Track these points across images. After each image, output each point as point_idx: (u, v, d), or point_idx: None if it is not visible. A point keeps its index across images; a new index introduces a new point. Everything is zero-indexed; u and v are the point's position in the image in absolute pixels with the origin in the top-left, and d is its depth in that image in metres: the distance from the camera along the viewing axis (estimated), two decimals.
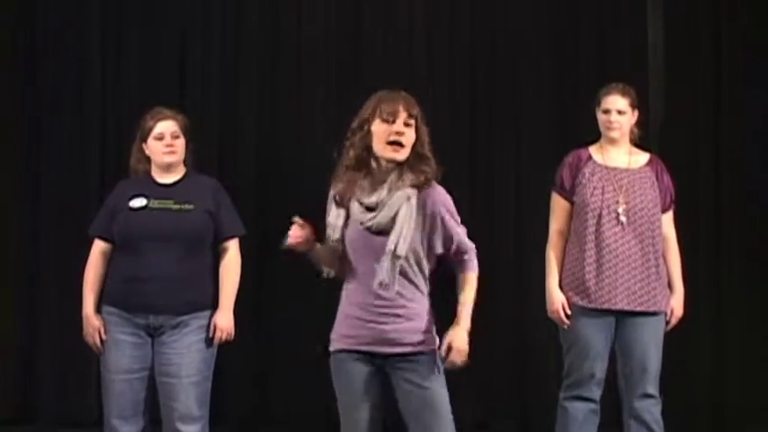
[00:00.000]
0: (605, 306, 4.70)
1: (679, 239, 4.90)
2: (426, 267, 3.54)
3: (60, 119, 6.55)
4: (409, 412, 3.52)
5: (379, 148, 3.52)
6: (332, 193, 3.60)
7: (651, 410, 4.69)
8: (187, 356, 4.33)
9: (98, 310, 4.42)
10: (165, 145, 4.45)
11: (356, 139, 3.58)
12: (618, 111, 4.81)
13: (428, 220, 3.50)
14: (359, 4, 6.63)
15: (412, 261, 3.49)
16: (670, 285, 4.85)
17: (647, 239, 4.75)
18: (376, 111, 3.56)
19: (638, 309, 4.68)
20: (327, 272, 3.62)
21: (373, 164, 3.54)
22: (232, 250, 4.51)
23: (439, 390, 3.53)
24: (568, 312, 4.78)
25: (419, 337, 3.52)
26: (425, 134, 3.59)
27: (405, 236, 3.47)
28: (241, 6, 6.63)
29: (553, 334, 4.92)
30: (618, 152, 4.86)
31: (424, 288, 3.55)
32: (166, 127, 4.46)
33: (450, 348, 3.56)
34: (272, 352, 6.42)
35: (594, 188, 4.79)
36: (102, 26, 6.58)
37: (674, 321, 4.85)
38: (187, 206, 4.43)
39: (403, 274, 3.49)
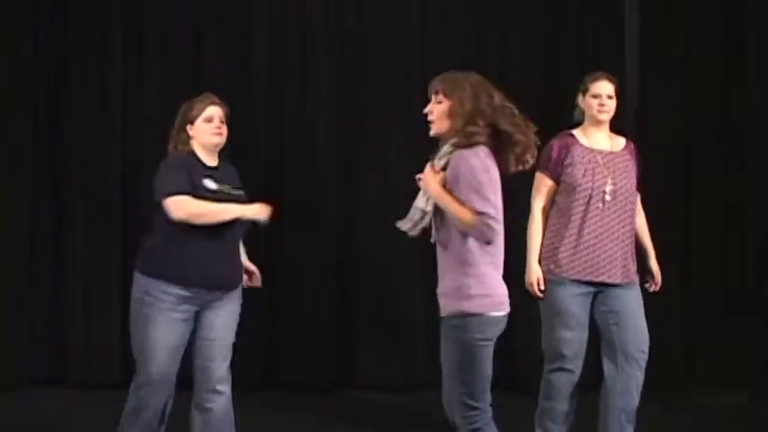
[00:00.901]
0: (587, 278, 4.77)
1: (651, 217, 5.03)
2: None
3: (84, 116, 6.66)
4: None
5: None
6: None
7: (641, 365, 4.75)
8: (228, 321, 4.47)
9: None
10: (214, 127, 4.51)
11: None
12: (608, 95, 4.91)
13: None
14: (360, 4, 6.76)
15: None
16: (643, 255, 4.96)
17: (627, 218, 4.85)
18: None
19: (617, 281, 4.78)
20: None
21: None
22: None
23: None
24: (542, 287, 4.82)
25: None
26: (456, 104, 3.71)
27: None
28: (251, 10, 6.74)
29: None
30: (600, 136, 4.95)
31: None
32: (215, 111, 4.53)
33: None
34: (282, 321, 6.58)
35: (585, 170, 4.84)
36: (122, 30, 6.67)
37: (659, 282, 4.97)
38: (237, 191, 4.52)
39: None
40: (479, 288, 3.60)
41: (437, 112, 3.74)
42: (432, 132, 3.77)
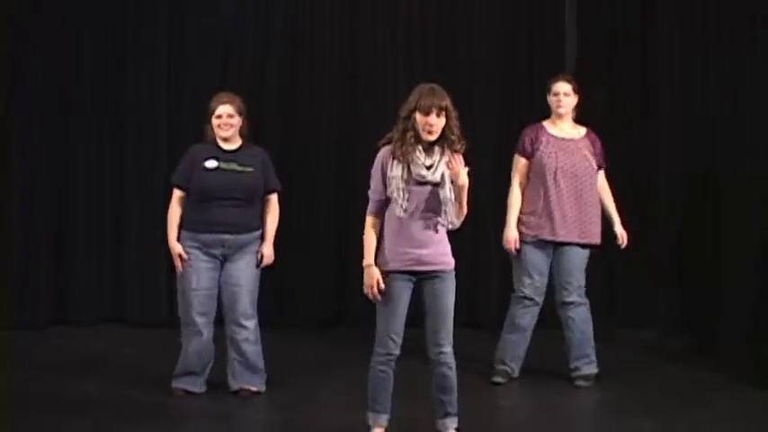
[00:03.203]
0: (549, 237, 5.44)
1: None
2: None
3: (139, 111, 7.24)
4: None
5: (420, 132, 4.27)
6: (390, 155, 4.29)
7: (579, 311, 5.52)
8: (245, 272, 5.24)
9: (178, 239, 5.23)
10: (222, 123, 5.21)
11: (408, 124, 4.27)
12: (564, 93, 5.49)
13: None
14: (356, 7, 7.25)
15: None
16: (608, 221, 5.58)
17: (587, 189, 5.47)
18: (417, 104, 4.26)
19: (574, 240, 5.46)
20: None
21: (419, 139, 4.27)
22: (273, 201, 5.35)
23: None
24: (518, 247, 5.49)
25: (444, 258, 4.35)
26: (454, 118, 4.28)
27: (451, 188, 4.28)
28: (267, 15, 7.23)
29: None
30: (564, 126, 5.55)
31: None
32: (224, 110, 5.22)
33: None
34: (290, 271, 7.04)
35: (550, 153, 5.43)
36: (168, 38, 7.23)
37: (624, 241, 5.59)
38: (248, 168, 5.21)
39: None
40: None
41: (440, 125, 4.29)
42: (433, 139, 4.29)
